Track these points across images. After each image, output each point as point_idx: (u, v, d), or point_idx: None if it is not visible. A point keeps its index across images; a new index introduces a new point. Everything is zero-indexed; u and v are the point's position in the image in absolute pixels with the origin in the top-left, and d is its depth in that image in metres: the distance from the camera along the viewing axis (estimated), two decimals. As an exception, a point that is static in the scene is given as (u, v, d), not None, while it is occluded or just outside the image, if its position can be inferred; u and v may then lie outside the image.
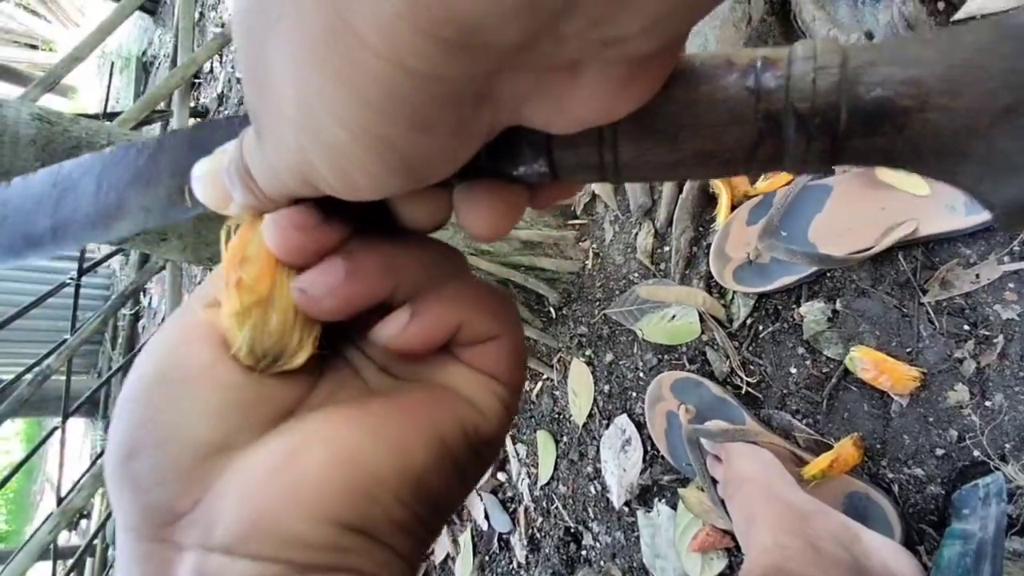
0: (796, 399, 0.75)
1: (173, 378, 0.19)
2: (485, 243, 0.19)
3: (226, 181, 0.20)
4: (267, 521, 0.17)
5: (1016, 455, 0.59)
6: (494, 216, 0.19)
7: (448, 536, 1.19)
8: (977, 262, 0.64)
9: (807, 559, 0.56)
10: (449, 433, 0.20)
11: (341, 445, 0.18)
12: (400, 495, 0.19)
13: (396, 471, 0.19)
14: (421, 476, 0.19)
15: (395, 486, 0.19)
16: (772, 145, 0.16)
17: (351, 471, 0.18)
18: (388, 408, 0.20)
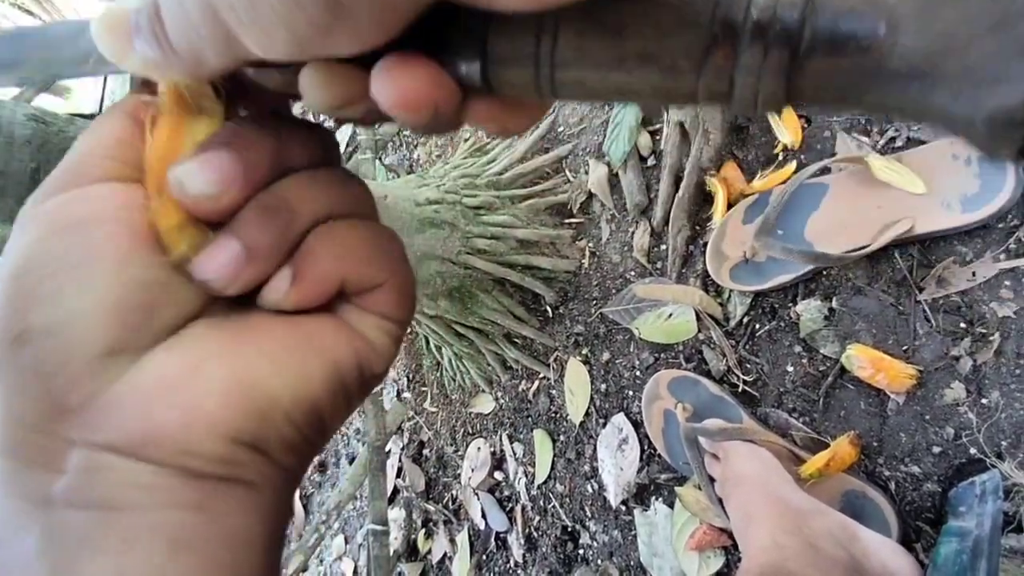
0: (793, 397, 0.75)
1: (80, 260, 0.18)
2: (409, 125, 0.16)
3: (131, 24, 0.17)
4: (164, 432, 0.17)
5: (1013, 452, 0.59)
6: (416, 85, 0.17)
7: (445, 535, 1.19)
8: (973, 260, 0.64)
9: (805, 558, 0.56)
10: (344, 364, 0.21)
11: (243, 365, 0.19)
12: (293, 418, 0.19)
13: (292, 396, 0.19)
14: (315, 402, 0.20)
15: (290, 409, 0.19)
16: (724, 55, 0.15)
17: (250, 392, 0.18)
18: (288, 333, 0.20)
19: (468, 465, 1.15)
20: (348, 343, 0.21)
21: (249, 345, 0.19)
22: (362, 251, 0.21)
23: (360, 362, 0.21)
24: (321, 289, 0.21)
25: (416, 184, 1.00)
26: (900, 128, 0.69)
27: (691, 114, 0.81)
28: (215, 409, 0.18)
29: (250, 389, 0.18)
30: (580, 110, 1.03)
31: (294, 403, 0.19)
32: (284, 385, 0.19)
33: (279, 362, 0.19)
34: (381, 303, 0.22)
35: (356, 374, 0.21)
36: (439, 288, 0.95)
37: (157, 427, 0.17)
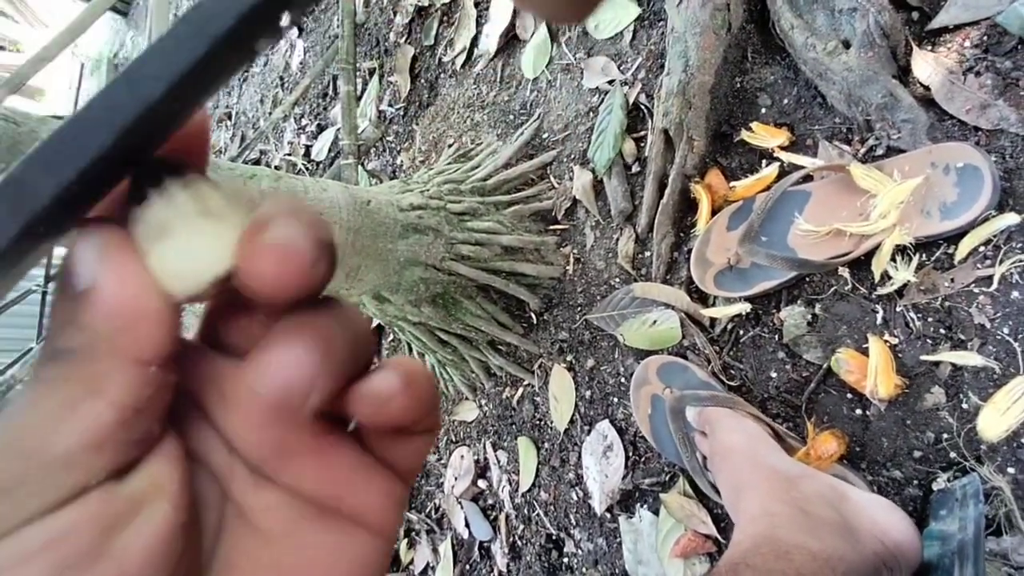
0: (776, 403, 0.76)
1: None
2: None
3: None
4: None
5: (992, 456, 0.60)
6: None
7: (428, 545, 1.18)
8: (952, 267, 0.65)
9: (796, 524, 0.56)
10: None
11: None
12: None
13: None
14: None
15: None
16: None
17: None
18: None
19: (451, 473, 1.14)
20: (362, 548, 0.19)
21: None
22: (432, 385, 0.19)
23: (379, 561, 0.20)
24: (422, 404, 0.19)
25: (400, 190, 0.99)
26: (881, 137, 0.70)
27: (676, 121, 0.81)
28: None
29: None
30: (565, 117, 1.03)
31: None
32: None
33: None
34: (410, 458, 0.20)
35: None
36: (422, 294, 0.94)
37: None
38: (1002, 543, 0.57)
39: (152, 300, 0.15)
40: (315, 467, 0.19)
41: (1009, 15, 0.63)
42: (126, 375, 0.15)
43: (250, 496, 0.18)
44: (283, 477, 0.18)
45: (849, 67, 0.69)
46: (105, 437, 0.15)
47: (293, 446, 0.18)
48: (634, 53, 0.96)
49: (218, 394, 0.19)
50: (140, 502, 0.15)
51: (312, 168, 1.67)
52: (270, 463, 0.18)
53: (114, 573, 0.14)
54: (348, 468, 0.19)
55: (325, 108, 1.69)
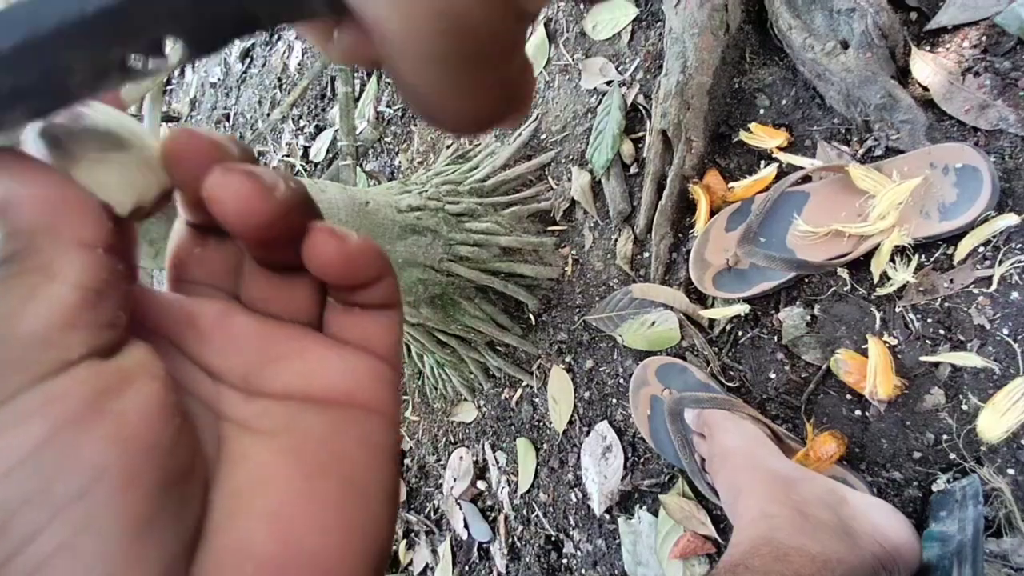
0: (775, 404, 0.76)
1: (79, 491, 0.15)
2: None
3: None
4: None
5: (991, 457, 0.60)
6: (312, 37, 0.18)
7: (427, 546, 1.18)
8: (952, 267, 0.65)
9: (794, 526, 0.56)
10: (377, 475, 0.20)
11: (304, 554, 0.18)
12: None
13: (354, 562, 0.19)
14: (380, 549, 0.20)
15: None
16: None
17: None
18: (312, 484, 0.19)
19: (450, 475, 1.14)
20: (364, 439, 0.20)
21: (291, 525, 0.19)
22: (382, 256, 0.21)
23: (383, 447, 0.21)
24: (371, 256, 0.20)
25: (398, 191, 0.99)
26: (879, 137, 0.70)
27: (674, 122, 0.81)
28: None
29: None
30: (563, 117, 1.03)
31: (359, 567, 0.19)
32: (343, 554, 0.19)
33: (329, 526, 0.19)
34: (382, 337, 0.22)
35: (389, 467, 0.21)
36: (421, 295, 0.94)
37: None
38: (1002, 544, 0.57)
39: (73, 188, 0.17)
40: (296, 366, 0.21)
41: (1008, 16, 0.63)
42: (75, 257, 0.16)
43: (243, 408, 0.20)
44: (269, 384, 0.20)
45: (848, 68, 0.69)
46: (72, 316, 0.16)
47: (271, 354, 0.20)
48: (632, 54, 0.96)
49: (195, 331, 0.20)
50: (129, 376, 0.16)
51: (310, 169, 1.66)
52: (254, 377, 0.20)
53: (113, 431, 0.15)
54: (326, 359, 0.21)
55: (323, 109, 1.68)
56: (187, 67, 2.52)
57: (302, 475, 0.19)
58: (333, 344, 0.21)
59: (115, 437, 0.15)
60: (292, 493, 0.18)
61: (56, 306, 0.15)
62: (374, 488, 0.20)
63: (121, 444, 0.15)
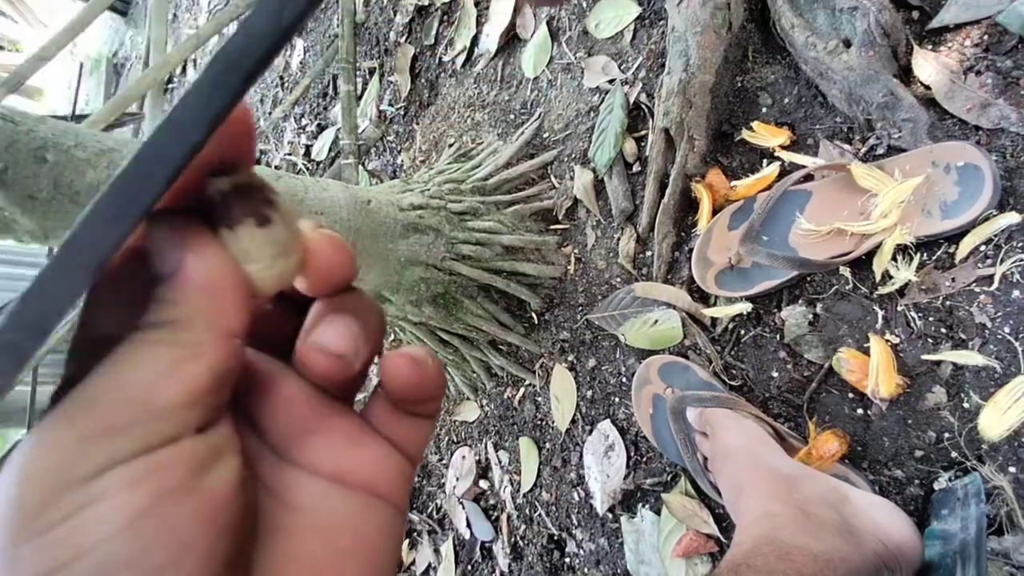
0: (778, 403, 0.76)
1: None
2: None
3: None
4: None
5: (993, 455, 0.60)
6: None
7: (430, 546, 1.18)
8: (953, 266, 0.65)
9: (797, 525, 0.56)
10: (391, 562, 0.21)
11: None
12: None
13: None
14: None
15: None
16: None
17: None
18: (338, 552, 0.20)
19: (453, 474, 1.14)
20: (384, 520, 0.22)
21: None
22: (439, 370, 0.23)
23: (395, 535, 0.22)
24: (437, 382, 0.23)
25: (400, 189, 0.99)
26: (881, 136, 0.70)
27: (676, 120, 0.81)
28: None
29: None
30: (565, 116, 1.03)
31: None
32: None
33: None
34: (417, 440, 0.24)
35: (396, 548, 0.22)
36: (423, 294, 0.94)
37: None
38: (1004, 542, 0.57)
39: (238, 277, 0.18)
40: (334, 444, 0.22)
41: (1010, 14, 0.63)
42: (220, 344, 0.17)
43: (276, 476, 0.21)
44: (305, 456, 0.21)
45: (850, 66, 0.69)
46: (199, 396, 0.17)
47: (311, 425, 0.22)
48: (635, 52, 0.96)
49: (248, 385, 0.21)
50: (219, 453, 0.18)
51: (312, 168, 1.66)
52: (292, 444, 0.21)
53: (204, 506, 0.16)
54: (358, 443, 0.22)
55: (325, 108, 1.69)
56: (189, 65, 2.52)
57: (331, 555, 0.20)
58: (372, 433, 0.23)
59: (204, 513, 0.16)
60: (321, 569, 0.19)
61: (191, 386, 0.17)
62: (389, 571, 0.21)
63: (210, 520, 0.16)
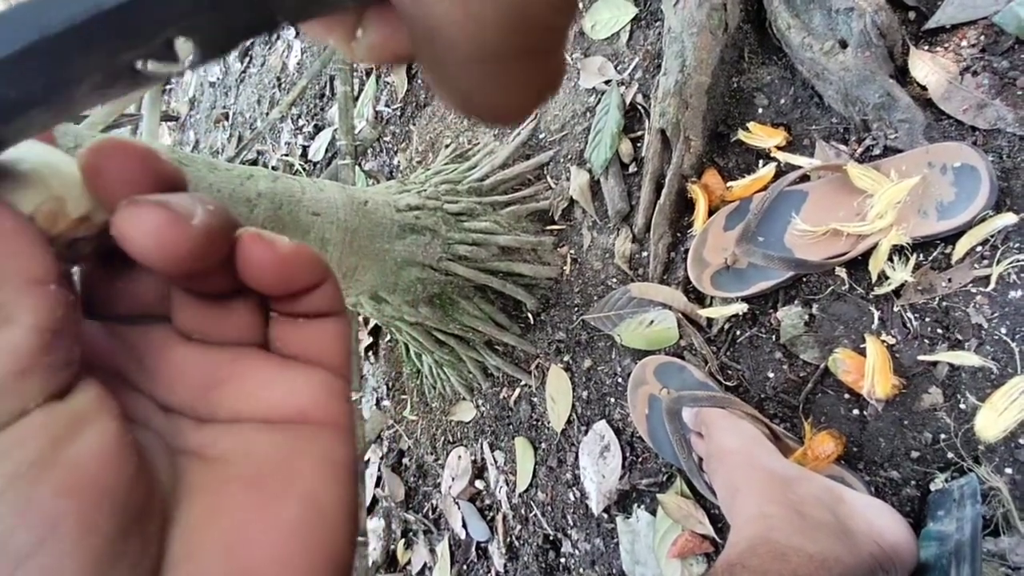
0: (773, 403, 0.76)
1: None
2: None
3: None
4: None
5: (989, 456, 0.60)
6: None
7: (425, 545, 1.18)
8: (950, 267, 0.65)
9: (791, 526, 0.56)
10: (336, 493, 0.20)
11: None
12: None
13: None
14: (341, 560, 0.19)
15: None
16: None
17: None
18: (268, 513, 0.18)
19: (448, 474, 1.14)
20: (320, 465, 0.20)
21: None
22: (324, 263, 0.20)
23: (339, 466, 0.20)
24: None
25: (397, 190, 0.99)
26: (877, 137, 0.70)
27: (672, 121, 0.81)
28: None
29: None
30: (562, 117, 1.03)
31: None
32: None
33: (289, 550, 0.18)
34: (329, 346, 0.21)
35: (347, 486, 0.20)
36: (420, 295, 0.94)
37: None
38: (999, 543, 0.57)
39: (19, 220, 0.15)
40: (243, 389, 0.20)
41: (1006, 15, 0.63)
42: (30, 297, 0.15)
43: (197, 436, 0.19)
44: (218, 410, 0.20)
45: (846, 67, 0.69)
46: (30, 361, 0.15)
47: (217, 380, 0.20)
48: (631, 53, 0.96)
49: (138, 363, 0.20)
50: (83, 418, 0.16)
51: (309, 169, 1.66)
52: (202, 404, 0.20)
53: (68, 480, 0.15)
54: (273, 378, 0.20)
55: (322, 109, 1.68)
56: (186, 66, 2.52)
57: (258, 501, 0.18)
58: (279, 361, 0.21)
59: (70, 486, 0.15)
60: (249, 522, 0.18)
61: (12, 353, 0.14)
62: (334, 507, 0.19)
63: (76, 493, 0.15)
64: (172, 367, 0.20)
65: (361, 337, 1.36)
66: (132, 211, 0.16)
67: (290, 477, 0.19)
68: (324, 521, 0.19)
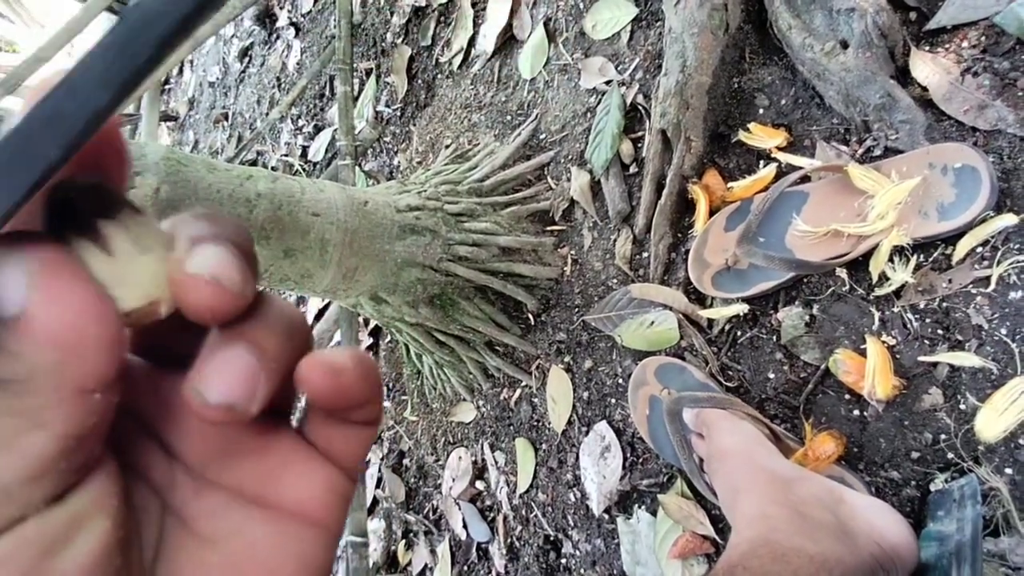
0: (774, 404, 0.76)
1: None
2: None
3: None
4: None
5: (989, 457, 0.60)
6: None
7: (426, 546, 1.18)
8: (950, 267, 0.65)
9: (793, 527, 0.56)
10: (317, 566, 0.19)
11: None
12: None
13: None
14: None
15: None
16: None
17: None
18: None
19: (449, 475, 1.14)
20: (308, 541, 0.20)
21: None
22: (375, 374, 0.20)
23: (326, 552, 0.20)
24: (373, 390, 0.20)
25: (397, 190, 0.99)
26: (878, 137, 0.70)
27: (673, 122, 0.81)
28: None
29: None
30: (562, 117, 1.03)
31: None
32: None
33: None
34: (352, 450, 0.21)
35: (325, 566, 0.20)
36: (420, 295, 0.94)
37: None
38: (1000, 544, 0.57)
39: (98, 325, 0.14)
40: (257, 464, 0.19)
41: (1007, 15, 0.63)
42: (70, 406, 0.14)
43: (192, 503, 0.19)
44: (226, 478, 0.19)
45: (847, 67, 0.69)
46: (46, 469, 0.14)
47: (236, 446, 0.19)
48: (631, 53, 0.96)
49: (158, 405, 0.19)
50: (79, 522, 0.15)
51: (309, 169, 1.66)
52: (213, 465, 0.19)
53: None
54: (289, 462, 0.20)
55: (322, 109, 1.68)
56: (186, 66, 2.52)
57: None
58: (302, 448, 0.20)
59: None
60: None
61: (33, 458, 0.13)
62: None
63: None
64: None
65: (361, 338, 1.36)
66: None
67: (269, 574, 0.18)
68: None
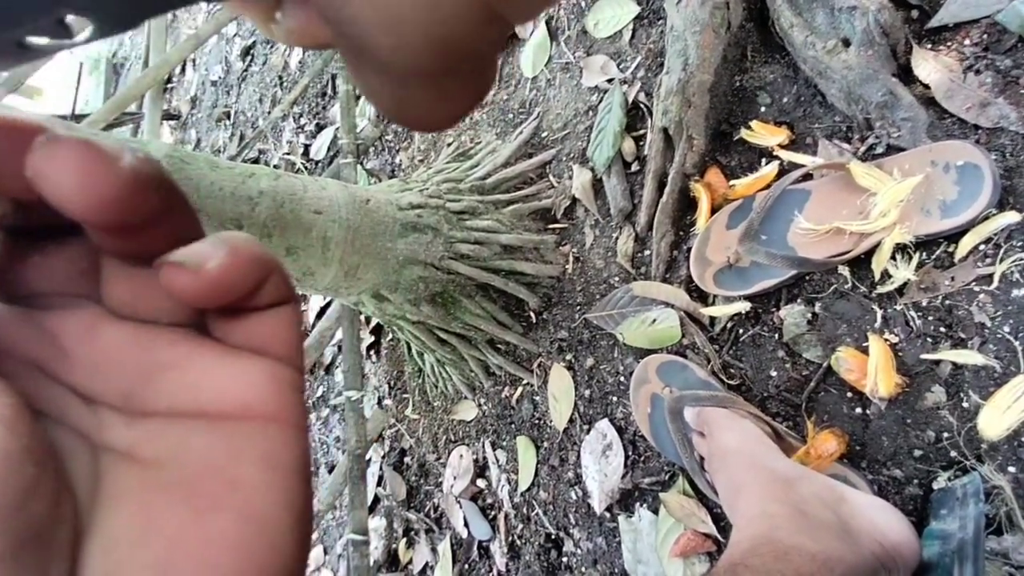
0: (776, 402, 0.76)
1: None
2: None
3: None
4: None
5: (992, 455, 0.60)
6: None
7: (427, 544, 1.18)
8: (953, 265, 0.65)
9: (794, 525, 0.56)
10: (282, 498, 0.17)
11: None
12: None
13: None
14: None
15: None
16: None
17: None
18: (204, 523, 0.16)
19: (450, 473, 1.14)
20: (264, 467, 0.17)
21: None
22: (267, 252, 0.18)
23: (290, 460, 0.18)
24: (253, 269, 0.17)
25: (399, 188, 0.99)
26: (880, 135, 0.70)
27: (675, 120, 0.81)
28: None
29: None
30: (564, 115, 1.03)
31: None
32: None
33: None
34: (281, 337, 0.19)
35: (299, 486, 0.18)
36: (421, 293, 0.94)
37: None
38: (1003, 542, 0.56)
39: None
40: (182, 379, 0.18)
41: (1009, 13, 0.63)
42: None
43: (127, 434, 0.17)
44: (153, 403, 0.17)
45: (849, 65, 0.69)
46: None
47: (153, 369, 0.17)
48: (633, 52, 0.96)
49: (58, 349, 0.17)
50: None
51: (311, 167, 1.66)
52: (136, 397, 0.17)
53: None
54: (215, 367, 0.18)
55: (324, 107, 1.68)
56: (188, 65, 2.52)
57: (193, 513, 0.16)
58: (222, 349, 0.18)
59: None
60: (180, 537, 0.16)
61: None
62: (278, 515, 0.17)
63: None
64: (99, 351, 0.17)
65: (363, 336, 1.36)
66: (52, 148, 0.14)
67: (229, 484, 0.17)
68: (266, 535, 0.17)
